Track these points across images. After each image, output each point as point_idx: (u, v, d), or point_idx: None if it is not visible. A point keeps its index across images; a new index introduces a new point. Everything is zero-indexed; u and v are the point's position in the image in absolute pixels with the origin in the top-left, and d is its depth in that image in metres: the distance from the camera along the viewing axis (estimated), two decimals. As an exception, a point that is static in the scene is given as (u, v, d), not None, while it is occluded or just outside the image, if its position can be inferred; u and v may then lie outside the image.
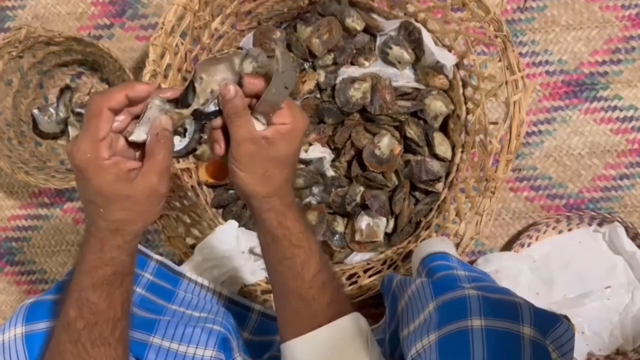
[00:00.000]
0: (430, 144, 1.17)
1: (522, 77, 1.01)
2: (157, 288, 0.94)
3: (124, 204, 0.64)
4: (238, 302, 1.03)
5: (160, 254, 1.27)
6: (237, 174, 0.71)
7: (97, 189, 0.63)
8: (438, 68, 1.17)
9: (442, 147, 1.17)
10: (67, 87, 1.31)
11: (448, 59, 1.14)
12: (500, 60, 1.03)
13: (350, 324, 0.74)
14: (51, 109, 1.30)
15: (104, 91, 0.65)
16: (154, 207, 0.67)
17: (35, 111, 1.29)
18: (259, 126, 0.70)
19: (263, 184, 0.71)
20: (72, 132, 1.31)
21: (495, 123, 1.09)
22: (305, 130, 0.73)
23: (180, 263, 1.07)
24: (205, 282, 1.01)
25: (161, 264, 0.98)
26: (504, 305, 0.72)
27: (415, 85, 1.20)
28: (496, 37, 1.03)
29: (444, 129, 1.20)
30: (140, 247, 0.98)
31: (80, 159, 0.63)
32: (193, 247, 1.09)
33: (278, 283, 0.76)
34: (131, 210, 0.65)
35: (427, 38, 1.15)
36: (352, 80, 1.17)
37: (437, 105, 1.16)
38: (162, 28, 1.01)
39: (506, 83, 1.02)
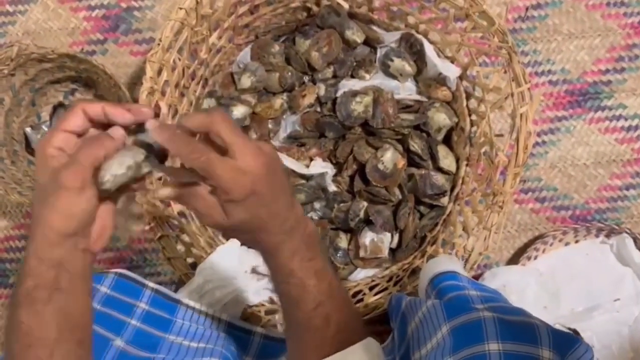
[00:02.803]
0: (434, 157, 1.14)
1: (528, 88, 0.99)
2: (153, 318, 0.91)
3: (42, 194, 0.61)
4: (239, 327, 1.00)
5: (159, 273, 1.26)
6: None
7: (37, 175, 0.62)
8: (440, 80, 1.15)
9: (447, 160, 1.14)
10: (60, 105, 1.28)
11: (451, 71, 1.12)
12: (505, 72, 1.01)
13: (362, 352, 0.71)
14: (44, 127, 1.27)
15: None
16: (59, 193, 0.59)
17: (28, 129, 1.27)
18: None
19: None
20: (66, 150, 1.28)
21: (501, 135, 1.07)
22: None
23: (180, 283, 1.04)
24: (204, 308, 0.97)
25: (157, 292, 0.94)
26: (521, 328, 0.70)
27: (418, 97, 1.17)
28: (501, 48, 1.01)
29: (447, 141, 1.18)
30: (135, 275, 0.94)
31: (39, 145, 0.62)
32: (193, 265, 1.07)
33: (282, 307, 0.73)
34: (46, 202, 0.60)
35: (429, 50, 1.12)
36: (354, 93, 1.15)
37: (440, 118, 1.14)
38: (159, 44, 0.99)
39: (512, 95, 1.00)
